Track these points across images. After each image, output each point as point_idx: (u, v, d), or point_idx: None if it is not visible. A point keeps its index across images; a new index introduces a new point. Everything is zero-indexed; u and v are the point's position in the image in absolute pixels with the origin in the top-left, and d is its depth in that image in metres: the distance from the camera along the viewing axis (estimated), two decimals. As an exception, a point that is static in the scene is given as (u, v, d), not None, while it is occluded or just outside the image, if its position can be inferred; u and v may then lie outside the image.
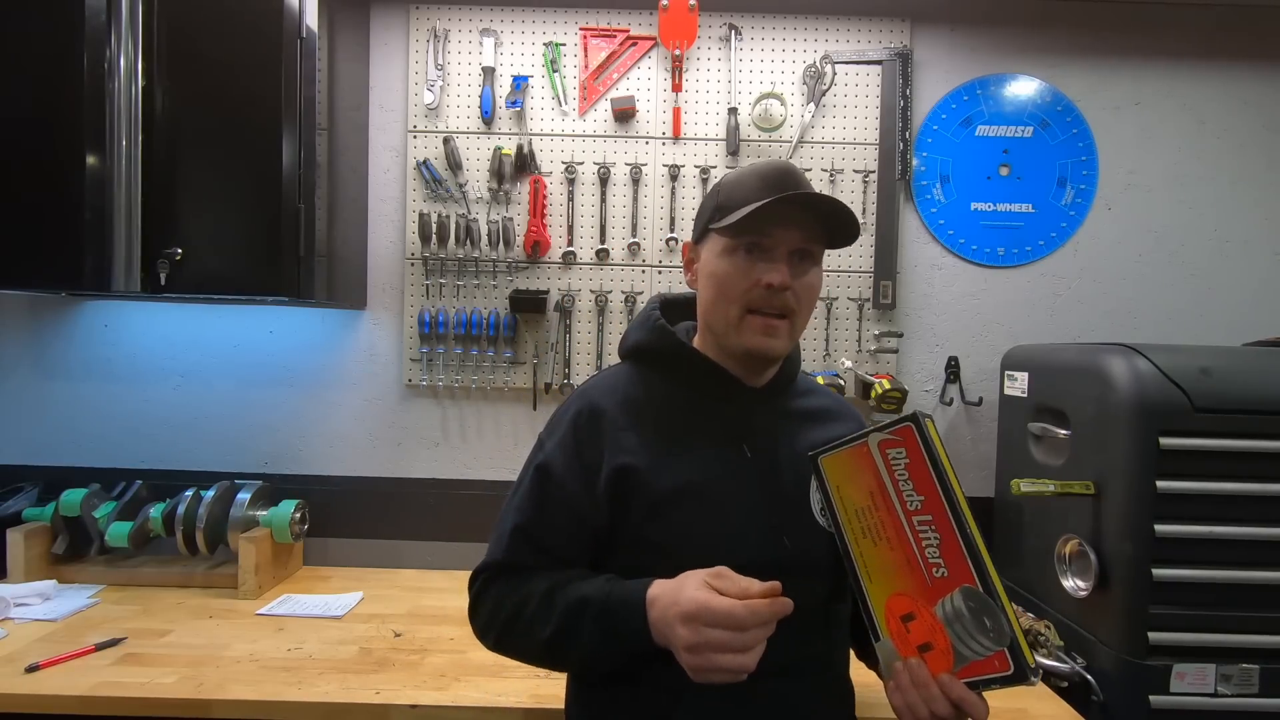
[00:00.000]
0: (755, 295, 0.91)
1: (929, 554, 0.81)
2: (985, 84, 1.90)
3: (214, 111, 1.53)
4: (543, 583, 0.90)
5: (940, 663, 0.79)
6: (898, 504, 0.84)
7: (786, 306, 0.91)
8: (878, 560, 0.85)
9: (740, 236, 0.91)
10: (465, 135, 1.86)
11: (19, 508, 1.72)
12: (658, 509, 0.90)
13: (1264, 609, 1.31)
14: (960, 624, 0.78)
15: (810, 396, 1.05)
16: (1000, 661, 0.77)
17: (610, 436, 0.93)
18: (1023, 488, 1.39)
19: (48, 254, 1.52)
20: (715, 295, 0.94)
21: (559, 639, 0.86)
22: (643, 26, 1.86)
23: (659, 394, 0.97)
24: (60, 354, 1.89)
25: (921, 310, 1.92)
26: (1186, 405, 1.30)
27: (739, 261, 0.91)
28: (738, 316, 0.92)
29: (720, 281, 0.93)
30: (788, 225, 0.91)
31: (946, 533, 0.80)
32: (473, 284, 1.87)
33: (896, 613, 0.83)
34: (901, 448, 0.84)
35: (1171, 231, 1.92)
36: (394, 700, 1.21)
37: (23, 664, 1.26)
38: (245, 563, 1.64)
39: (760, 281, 0.90)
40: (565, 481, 0.92)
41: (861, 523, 0.87)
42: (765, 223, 0.90)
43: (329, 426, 1.91)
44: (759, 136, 1.87)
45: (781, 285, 0.90)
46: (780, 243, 0.91)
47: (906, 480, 0.84)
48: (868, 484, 0.86)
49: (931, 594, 0.81)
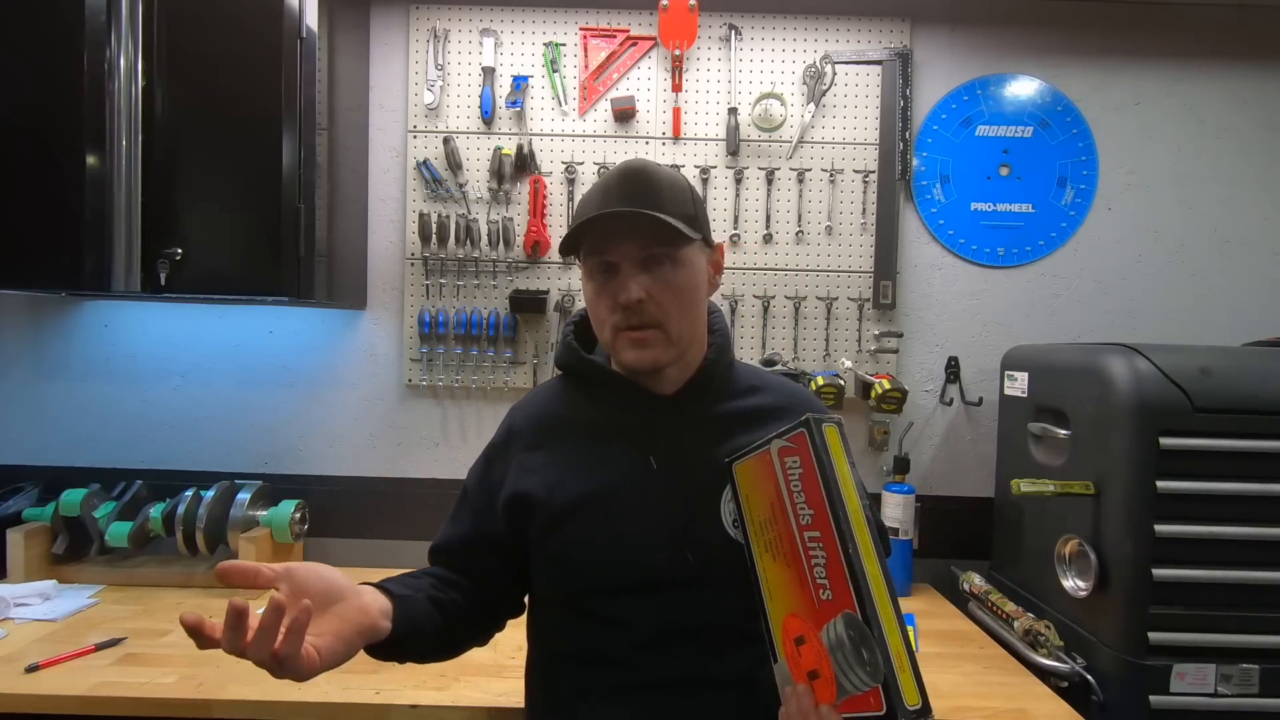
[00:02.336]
0: (616, 317, 0.89)
1: (817, 574, 0.74)
2: (985, 84, 1.90)
3: (214, 111, 1.53)
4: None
5: (825, 692, 0.72)
6: (792, 517, 0.76)
7: (650, 317, 0.88)
8: (776, 577, 0.78)
9: (589, 258, 0.91)
10: (465, 135, 1.86)
11: (19, 508, 1.72)
12: (557, 522, 0.91)
13: (1264, 609, 1.31)
14: (841, 653, 0.71)
15: (752, 395, 1.00)
16: (875, 699, 0.69)
17: (516, 458, 0.97)
18: (1023, 488, 1.39)
19: (48, 254, 1.52)
20: (591, 319, 0.96)
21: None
22: (643, 26, 1.86)
23: (575, 409, 0.99)
24: (60, 354, 1.89)
25: (921, 310, 1.92)
26: (1186, 405, 1.30)
27: (596, 284, 0.91)
28: (610, 338, 0.92)
29: (590, 306, 0.95)
30: (623, 239, 0.88)
31: (832, 551, 0.72)
32: (473, 284, 1.87)
33: (790, 634, 0.76)
34: (797, 455, 0.77)
35: (1171, 231, 1.92)
36: (394, 700, 1.21)
37: (23, 664, 1.26)
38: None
39: (617, 301, 0.88)
40: (479, 504, 0.99)
41: (764, 536, 0.80)
42: (604, 240, 0.88)
43: (329, 426, 1.91)
44: (759, 136, 1.87)
45: (629, 302, 0.87)
46: (622, 258, 0.88)
47: (800, 491, 0.76)
48: (769, 494, 0.79)
49: (819, 617, 0.73)
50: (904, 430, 1.88)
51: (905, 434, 1.88)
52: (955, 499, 1.90)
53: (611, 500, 0.91)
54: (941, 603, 1.75)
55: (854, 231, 1.89)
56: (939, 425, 1.93)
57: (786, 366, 1.80)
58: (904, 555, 1.77)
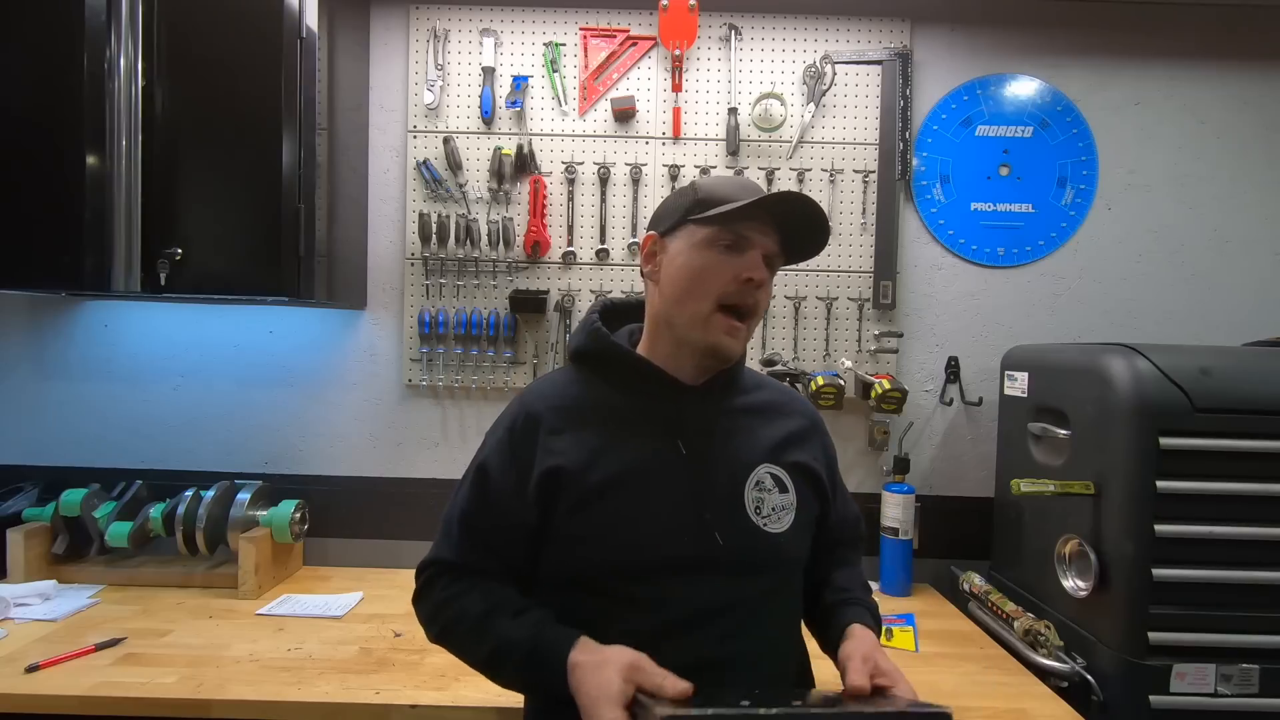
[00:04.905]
0: (732, 290, 0.92)
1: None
2: (985, 84, 1.90)
3: (214, 112, 1.53)
4: (478, 603, 0.92)
5: None
6: None
7: (757, 305, 0.93)
8: None
9: (726, 229, 0.92)
10: (465, 135, 1.86)
11: (19, 508, 1.72)
12: (584, 502, 0.92)
13: (1264, 609, 1.31)
14: None
15: (757, 392, 1.05)
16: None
17: (543, 441, 0.95)
18: (1023, 488, 1.39)
19: (48, 254, 1.52)
20: (687, 288, 0.94)
21: (490, 670, 0.91)
22: (643, 26, 1.86)
23: (597, 395, 0.99)
24: (60, 354, 1.89)
25: (921, 310, 1.92)
26: (1186, 405, 1.30)
27: (717, 255, 0.92)
28: (708, 311, 0.92)
29: (695, 274, 0.93)
30: (765, 231, 0.93)
31: None
32: (473, 284, 1.87)
33: None
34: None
35: (1171, 231, 1.92)
36: (394, 700, 1.21)
37: (23, 664, 1.26)
38: (245, 563, 1.63)
39: (740, 275, 0.91)
40: (501, 485, 0.95)
41: None
42: (746, 224, 0.92)
43: (329, 426, 1.91)
44: (759, 136, 1.87)
45: (760, 281, 0.92)
46: (757, 245, 0.93)
47: None
48: None
49: None
50: (904, 430, 1.88)
51: (905, 434, 1.88)
52: (955, 499, 1.90)
53: (639, 481, 0.92)
54: (941, 603, 1.75)
55: (854, 231, 1.89)
56: (939, 425, 1.93)
57: (787, 366, 1.80)
58: (904, 555, 1.77)
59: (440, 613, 0.95)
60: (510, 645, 0.88)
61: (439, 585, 0.96)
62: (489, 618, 0.90)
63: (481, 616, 0.91)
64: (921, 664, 1.41)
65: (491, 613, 0.91)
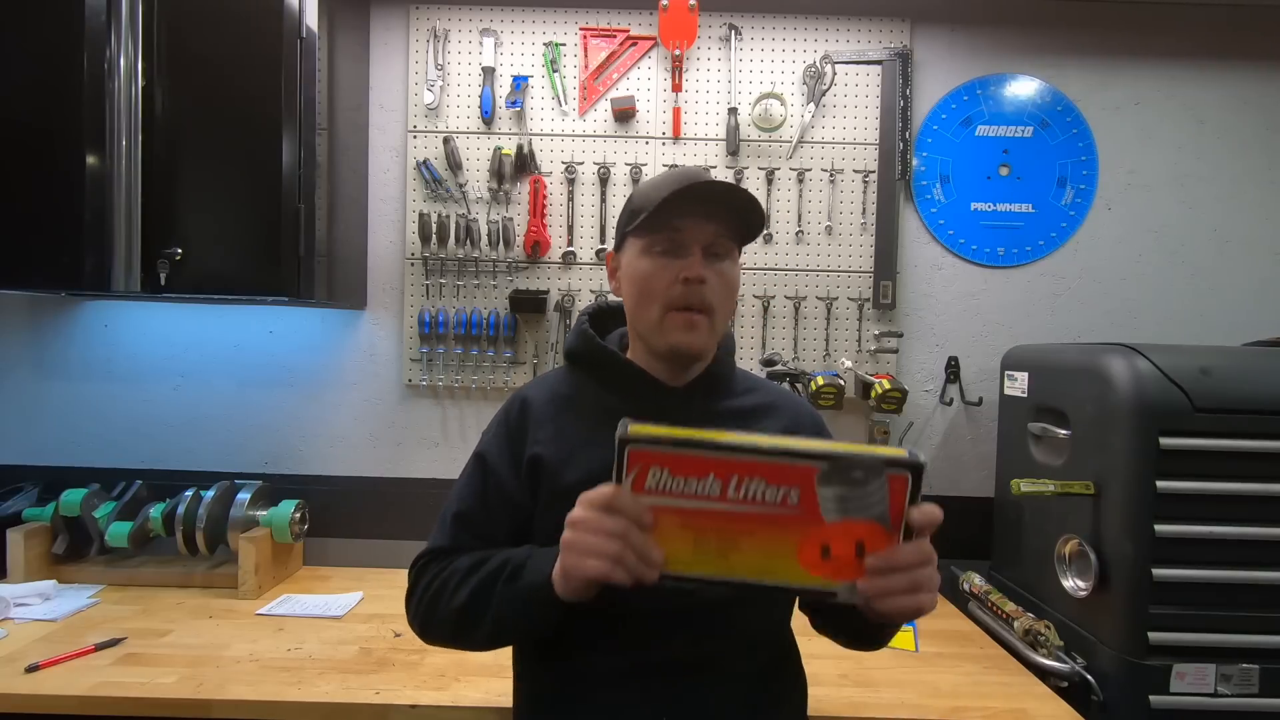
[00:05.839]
0: (674, 292, 0.92)
1: (770, 498, 0.74)
2: (985, 84, 1.90)
3: (214, 111, 1.53)
4: (470, 558, 0.93)
5: (878, 541, 0.77)
6: (708, 505, 0.75)
7: (705, 302, 0.92)
8: (755, 555, 0.76)
9: (654, 234, 0.93)
10: (465, 135, 1.86)
11: (19, 508, 1.72)
12: (561, 498, 0.91)
13: (1264, 609, 1.31)
14: (849, 501, 0.75)
15: (749, 395, 1.05)
16: (897, 483, 0.76)
17: (532, 427, 0.98)
18: (1023, 488, 1.39)
19: (48, 254, 1.52)
20: (637, 297, 0.95)
21: (474, 600, 0.88)
22: (643, 26, 1.86)
23: (586, 395, 1.01)
24: (60, 354, 1.89)
25: (921, 310, 1.92)
26: (1186, 405, 1.30)
27: (656, 260, 0.94)
28: (659, 315, 0.94)
29: (640, 282, 0.95)
30: (699, 220, 0.92)
31: (757, 470, 0.74)
32: (473, 284, 1.87)
33: (815, 561, 0.76)
34: (651, 468, 0.75)
35: (1171, 231, 1.92)
36: (394, 700, 1.21)
37: (23, 664, 1.26)
38: (245, 563, 1.63)
39: (679, 277, 0.92)
40: (499, 469, 0.97)
41: (706, 553, 0.76)
42: (676, 220, 0.92)
43: (329, 426, 1.91)
44: (759, 136, 1.87)
45: (697, 278, 0.91)
46: (693, 239, 0.92)
47: (685, 482, 0.75)
48: (672, 526, 0.76)
49: (810, 517, 0.75)
50: (904, 430, 1.88)
51: (905, 434, 1.88)
52: (955, 499, 1.90)
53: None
54: (941, 603, 1.75)
55: (854, 231, 1.89)
56: (939, 425, 1.93)
57: (786, 366, 1.80)
58: (904, 555, 1.76)
59: (432, 582, 0.93)
60: (505, 561, 0.88)
61: (430, 570, 0.96)
62: (484, 560, 0.91)
63: (476, 561, 0.91)
64: (921, 664, 1.41)
65: (486, 556, 0.91)
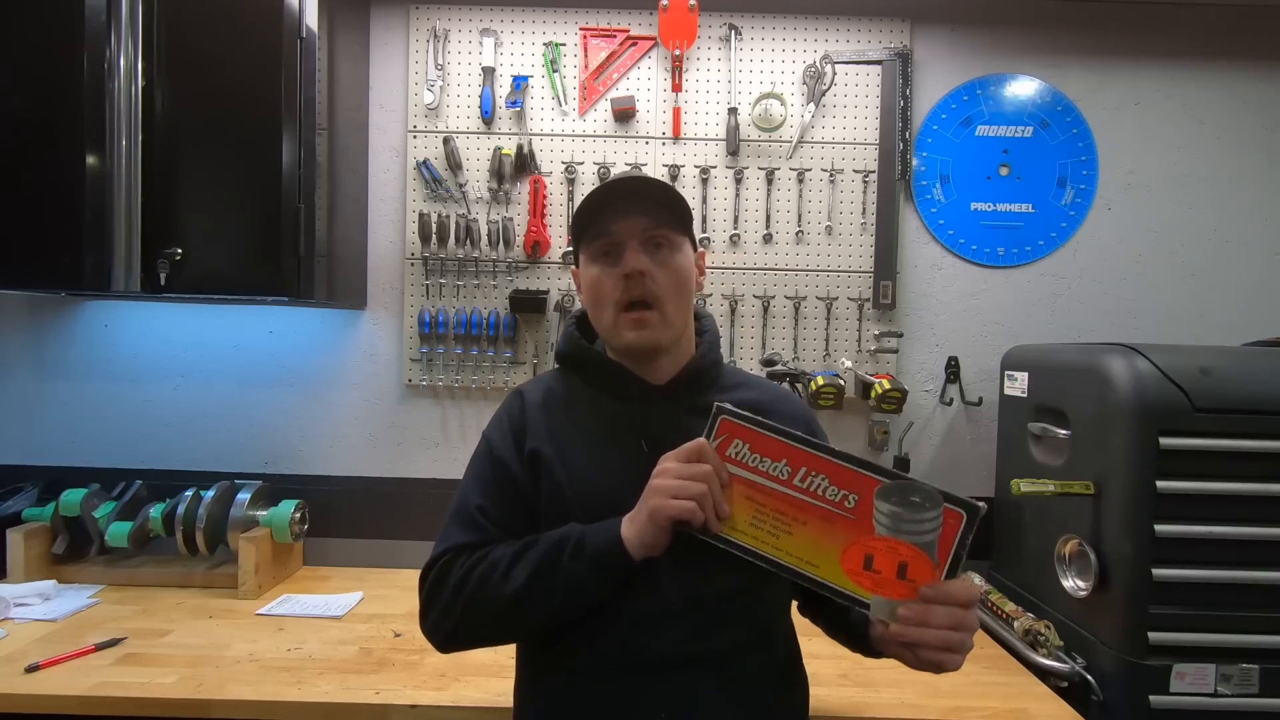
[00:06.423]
0: (619, 293, 0.95)
1: (831, 496, 0.82)
2: (985, 84, 1.90)
3: (214, 112, 1.53)
4: (507, 547, 0.93)
5: (922, 570, 0.79)
6: (774, 485, 0.85)
7: (649, 293, 0.95)
8: (803, 543, 0.84)
9: (594, 242, 0.97)
10: (465, 135, 1.86)
11: (19, 508, 1.72)
12: (557, 492, 0.95)
13: (1264, 609, 1.31)
14: (903, 520, 0.78)
15: (736, 391, 1.04)
16: (952, 519, 0.78)
17: (531, 422, 1.01)
18: (1023, 488, 1.39)
19: (48, 254, 1.52)
20: (591, 304, 1.00)
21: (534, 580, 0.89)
22: (643, 26, 1.86)
23: (578, 395, 1.03)
24: (60, 354, 1.89)
25: (921, 310, 1.92)
26: (1186, 405, 1.30)
27: (600, 268, 0.97)
28: (613, 317, 0.97)
29: (591, 289, 0.99)
30: (627, 217, 0.96)
31: (825, 468, 0.82)
32: (473, 284, 1.87)
33: (857, 568, 0.81)
34: (734, 438, 0.86)
35: (1171, 231, 1.92)
36: (394, 700, 1.21)
37: (23, 664, 1.26)
38: (245, 563, 1.63)
39: (619, 275, 0.95)
40: (509, 463, 0.99)
41: (761, 529, 0.86)
42: (610, 222, 0.96)
43: (329, 426, 1.91)
44: (759, 136, 1.87)
45: (635, 271, 0.94)
46: (627, 236, 0.96)
47: (760, 460, 0.85)
48: (739, 495, 0.86)
49: (863, 525, 0.81)
50: (904, 430, 1.88)
51: (905, 434, 1.88)
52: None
53: (605, 481, 0.95)
54: (941, 603, 1.75)
55: (854, 231, 1.89)
56: (939, 425, 1.93)
57: (786, 366, 1.80)
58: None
59: (469, 576, 0.91)
60: (565, 536, 0.90)
61: (457, 565, 0.94)
62: (533, 542, 0.92)
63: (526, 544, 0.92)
64: (921, 664, 1.41)
65: (530, 544, 0.92)
